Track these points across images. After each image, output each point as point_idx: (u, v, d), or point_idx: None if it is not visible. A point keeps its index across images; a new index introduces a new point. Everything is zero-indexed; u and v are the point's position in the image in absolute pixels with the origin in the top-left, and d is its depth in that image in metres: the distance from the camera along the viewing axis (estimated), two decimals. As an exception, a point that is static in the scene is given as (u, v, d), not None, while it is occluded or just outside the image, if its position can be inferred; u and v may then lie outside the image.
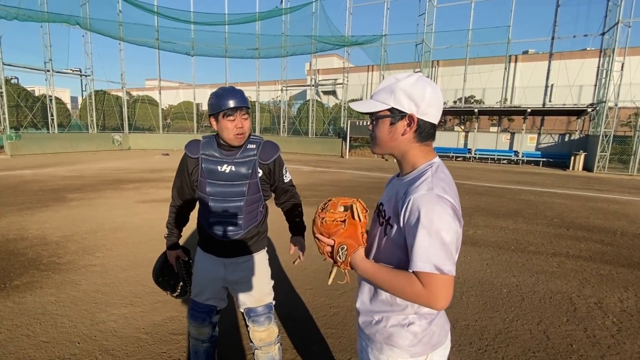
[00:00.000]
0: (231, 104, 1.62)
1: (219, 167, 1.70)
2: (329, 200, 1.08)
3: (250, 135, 1.78)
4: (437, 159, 1.06)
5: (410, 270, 0.93)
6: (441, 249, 0.90)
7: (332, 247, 1.03)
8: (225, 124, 1.63)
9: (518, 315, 3.02)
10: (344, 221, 1.03)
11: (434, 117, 1.03)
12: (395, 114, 1.02)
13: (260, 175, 1.75)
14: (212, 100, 1.65)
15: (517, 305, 3.19)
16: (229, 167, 1.70)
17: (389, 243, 1.03)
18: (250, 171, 1.72)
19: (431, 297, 0.91)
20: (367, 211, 1.06)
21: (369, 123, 1.10)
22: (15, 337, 2.52)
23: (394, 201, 1.03)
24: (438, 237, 0.91)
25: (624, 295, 3.46)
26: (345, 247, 1.01)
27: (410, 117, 1.01)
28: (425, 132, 1.03)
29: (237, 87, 1.70)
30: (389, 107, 1.02)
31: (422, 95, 0.99)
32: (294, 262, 1.95)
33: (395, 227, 1.00)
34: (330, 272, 1.15)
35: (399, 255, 1.01)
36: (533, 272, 3.97)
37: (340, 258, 1.02)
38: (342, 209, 1.05)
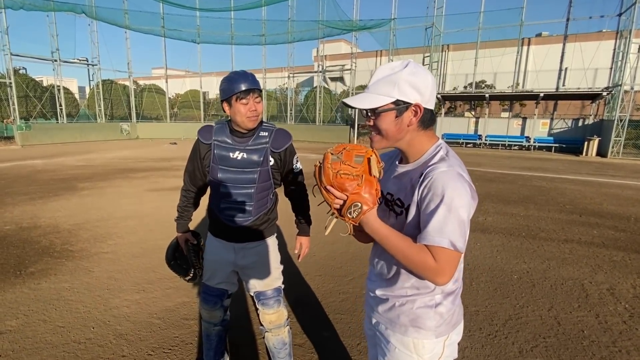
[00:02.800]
0: (243, 86, 1.61)
1: (230, 154, 1.71)
2: (343, 149, 0.97)
3: (262, 122, 1.78)
4: (441, 140, 1.07)
5: (423, 243, 0.93)
6: (458, 226, 0.91)
7: (344, 201, 0.96)
8: (239, 107, 1.62)
9: (528, 301, 3.00)
10: (360, 176, 0.95)
11: (432, 104, 1.04)
12: (401, 106, 1.00)
13: (271, 163, 1.75)
14: (224, 85, 1.64)
15: (528, 292, 3.17)
16: (241, 154, 1.71)
17: (410, 228, 1.02)
18: (261, 159, 1.72)
19: (439, 271, 0.92)
20: (382, 164, 0.99)
21: (367, 119, 1.06)
22: (32, 322, 2.59)
23: (410, 186, 1.02)
24: (457, 214, 0.91)
25: (637, 281, 3.40)
26: (360, 206, 0.94)
27: (417, 106, 0.99)
28: (427, 119, 1.03)
29: (248, 71, 1.68)
30: (393, 99, 0.99)
31: (425, 84, 0.99)
32: (298, 259, 1.97)
33: (412, 209, 1.00)
34: (330, 223, 1.04)
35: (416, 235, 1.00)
36: (544, 259, 3.93)
37: (350, 215, 0.95)
38: (356, 159, 0.97)
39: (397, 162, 1.13)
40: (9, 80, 16.73)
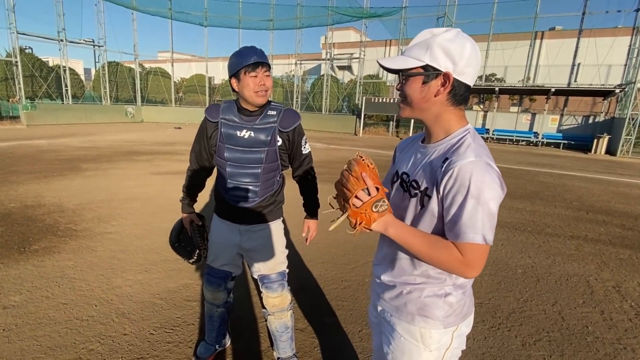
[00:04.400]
0: (252, 59, 1.57)
1: (238, 132, 1.67)
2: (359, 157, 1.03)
3: (271, 101, 1.73)
4: (470, 125, 0.99)
5: (455, 240, 0.89)
6: (488, 220, 0.87)
7: (369, 196, 0.94)
8: (247, 80, 1.58)
9: (533, 295, 2.97)
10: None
11: (470, 79, 0.93)
12: (430, 72, 0.92)
13: (279, 143, 1.71)
14: (232, 60, 1.60)
15: (532, 286, 3.14)
16: (248, 132, 1.67)
17: (426, 214, 0.97)
18: (269, 138, 1.68)
19: (468, 266, 0.89)
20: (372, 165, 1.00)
21: (397, 82, 1.00)
22: (36, 298, 2.60)
23: (429, 169, 0.96)
24: (487, 207, 0.86)
25: (644, 280, 3.36)
26: (387, 202, 0.95)
27: (446, 75, 0.91)
28: (459, 94, 0.94)
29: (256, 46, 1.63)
30: (423, 63, 0.92)
31: (460, 52, 0.89)
32: (306, 242, 1.94)
33: (433, 196, 0.94)
34: (338, 219, 1.00)
35: (436, 224, 0.96)
36: (549, 254, 3.89)
37: (376, 209, 0.93)
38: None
39: (419, 142, 1.07)
40: (15, 59, 16.68)
